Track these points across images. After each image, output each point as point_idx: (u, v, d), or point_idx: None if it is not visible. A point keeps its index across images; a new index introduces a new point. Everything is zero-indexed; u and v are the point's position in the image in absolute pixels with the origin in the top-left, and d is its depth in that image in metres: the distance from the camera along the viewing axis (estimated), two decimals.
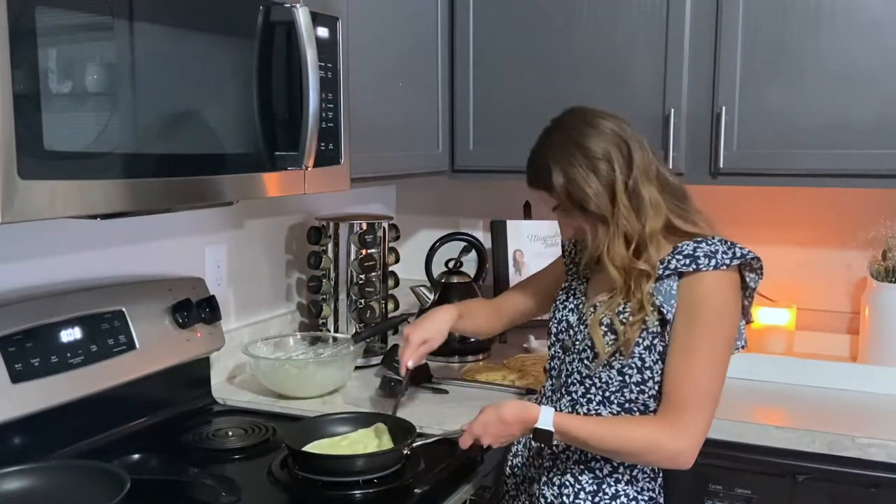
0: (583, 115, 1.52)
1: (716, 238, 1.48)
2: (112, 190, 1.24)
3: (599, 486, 1.53)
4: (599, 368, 1.52)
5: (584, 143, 1.47)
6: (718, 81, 2.06)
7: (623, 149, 1.48)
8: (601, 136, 1.48)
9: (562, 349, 1.62)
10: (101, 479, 1.39)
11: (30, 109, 1.10)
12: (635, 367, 1.49)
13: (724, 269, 1.44)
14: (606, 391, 1.52)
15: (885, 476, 1.70)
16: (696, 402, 1.44)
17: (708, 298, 1.44)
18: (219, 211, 1.94)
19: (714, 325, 1.45)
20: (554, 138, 1.52)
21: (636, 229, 1.47)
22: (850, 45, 1.94)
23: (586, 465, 1.55)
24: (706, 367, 1.44)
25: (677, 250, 1.48)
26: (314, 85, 1.52)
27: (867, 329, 2.13)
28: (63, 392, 1.57)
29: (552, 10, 2.21)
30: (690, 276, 1.45)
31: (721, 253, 1.45)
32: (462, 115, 2.34)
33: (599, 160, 1.46)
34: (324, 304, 2.30)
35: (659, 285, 1.47)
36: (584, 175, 1.46)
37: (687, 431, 1.44)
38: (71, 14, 1.17)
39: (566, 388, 1.58)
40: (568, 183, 1.47)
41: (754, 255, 1.47)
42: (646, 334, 1.48)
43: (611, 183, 1.46)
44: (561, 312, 1.64)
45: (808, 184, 2.06)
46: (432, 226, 2.79)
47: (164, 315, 1.83)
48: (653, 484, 1.56)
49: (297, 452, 1.58)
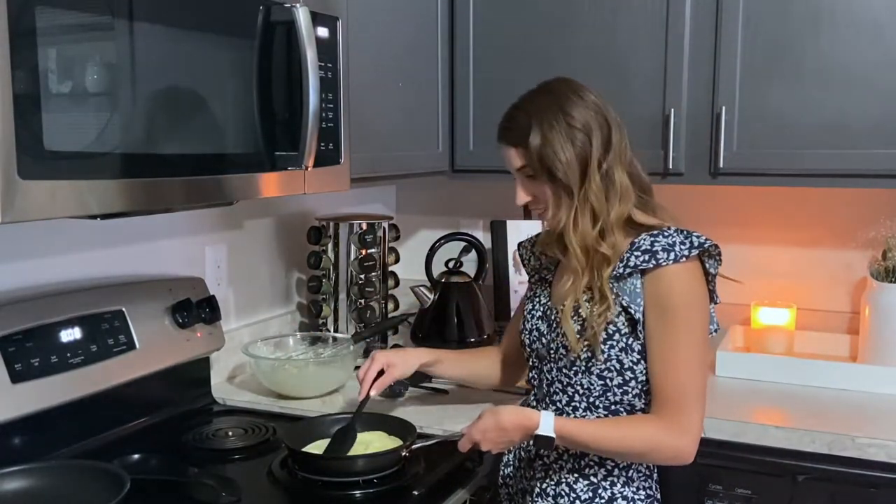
0: (571, 84, 1.51)
1: (671, 229, 1.47)
2: (112, 190, 1.24)
3: (595, 491, 1.52)
4: (579, 375, 1.51)
5: (568, 110, 1.46)
6: (718, 81, 2.06)
7: (604, 127, 1.47)
8: (586, 108, 1.47)
9: (538, 358, 1.60)
10: (101, 479, 1.39)
11: (30, 109, 1.10)
12: (614, 369, 1.48)
13: (683, 260, 1.43)
14: (590, 397, 1.52)
15: (885, 476, 1.70)
16: (689, 398, 1.44)
17: (675, 293, 1.43)
18: (219, 211, 1.95)
19: (687, 319, 1.44)
20: (539, 98, 1.50)
21: (603, 210, 1.46)
22: (851, 44, 1.94)
23: (580, 473, 1.53)
24: (689, 361, 1.44)
25: (635, 245, 1.46)
26: (314, 85, 1.52)
27: (867, 329, 2.13)
28: (63, 392, 1.57)
29: (552, 11, 2.21)
30: (652, 273, 1.44)
31: (678, 244, 1.44)
32: (462, 115, 2.34)
33: (578, 130, 1.45)
34: (324, 304, 2.30)
35: (623, 284, 1.46)
36: (562, 141, 1.45)
37: (685, 428, 1.44)
38: (71, 14, 1.17)
39: (549, 397, 1.57)
40: (543, 145, 1.46)
41: (712, 243, 1.46)
42: (619, 336, 1.47)
43: (584, 156, 1.45)
44: (530, 322, 1.62)
45: (808, 184, 2.06)
46: (432, 226, 2.79)
47: (164, 315, 1.83)
48: (649, 482, 1.55)
49: (297, 453, 1.58)
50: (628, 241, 1.47)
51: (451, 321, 2.33)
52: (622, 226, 1.48)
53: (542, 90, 1.53)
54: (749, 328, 2.34)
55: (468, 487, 1.68)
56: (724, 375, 2.10)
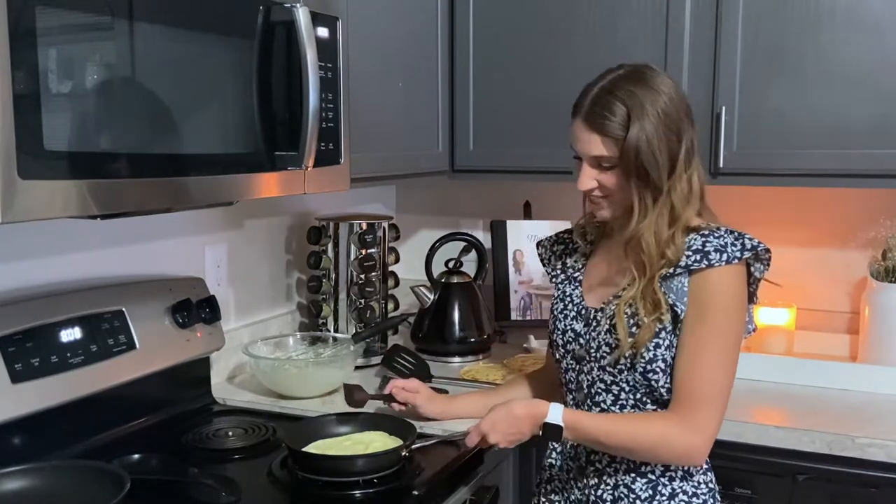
0: (664, 79, 1.45)
1: (722, 229, 1.44)
2: (112, 190, 1.24)
3: (655, 488, 1.49)
4: (624, 373, 1.47)
5: (668, 110, 1.41)
6: (718, 81, 2.06)
7: (691, 131, 1.44)
8: (679, 109, 1.43)
9: (574, 360, 1.55)
10: (101, 479, 1.39)
11: (30, 109, 1.10)
12: (660, 370, 1.44)
13: (735, 262, 1.41)
14: (636, 393, 1.48)
15: (885, 476, 1.70)
16: (709, 400, 1.41)
17: (718, 295, 1.41)
18: (219, 211, 1.94)
19: (724, 322, 1.42)
20: (636, 88, 1.41)
21: (681, 213, 1.43)
22: (851, 44, 1.94)
23: (637, 472, 1.49)
24: (717, 364, 1.42)
25: (686, 245, 1.43)
26: (314, 85, 1.52)
27: (867, 329, 2.13)
28: (63, 392, 1.57)
29: (552, 11, 2.21)
30: (700, 273, 1.42)
31: (730, 245, 1.41)
32: (462, 115, 2.34)
33: (674, 133, 1.41)
34: (324, 304, 2.30)
35: (670, 283, 1.43)
36: (660, 141, 1.39)
37: (699, 429, 1.42)
38: (71, 14, 1.17)
39: (591, 398, 1.52)
40: (645, 142, 1.38)
41: (764, 247, 1.44)
42: (664, 334, 1.44)
43: (674, 158, 1.41)
44: (563, 322, 1.57)
45: (808, 184, 2.06)
46: (432, 226, 2.79)
47: (164, 315, 1.83)
48: (709, 474, 1.53)
49: (297, 452, 1.58)
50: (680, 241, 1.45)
51: (451, 321, 2.34)
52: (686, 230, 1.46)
53: (637, 79, 1.43)
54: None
55: (468, 487, 1.68)
56: None
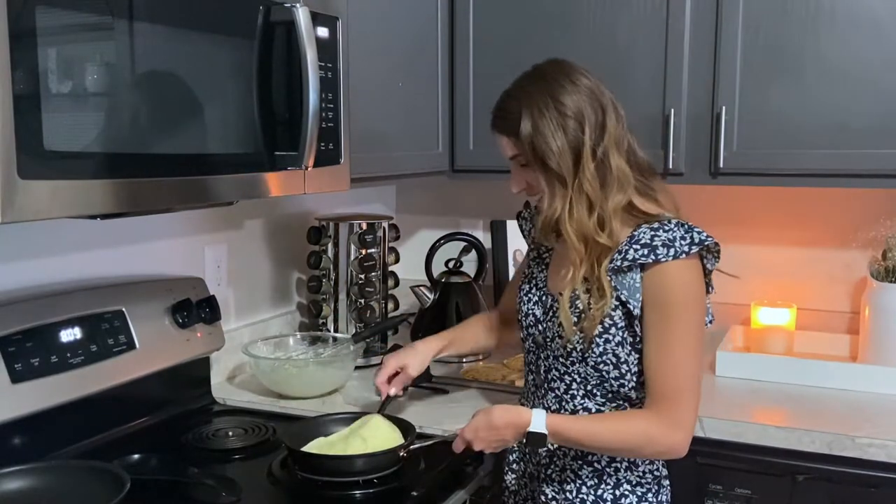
0: (564, 68, 1.48)
1: (672, 222, 1.44)
2: (112, 190, 1.24)
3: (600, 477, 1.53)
4: (576, 365, 1.51)
5: (559, 97, 1.43)
6: (718, 81, 2.06)
7: (598, 112, 1.44)
8: (578, 94, 1.44)
9: (534, 344, 1.60)
10: (101, 479, 1.39)
11: (30, 109, 1.10)
12: (610, 363, 1.48)
13: (683, 257, 1.41)
14: (587, 385, 1.52)
15: (885, 476, 1.70)
16: (683, 393, 1.44)
17: (675, 291, 1.42)
18: (219, 211, 1.94)
19: (685, 316, 1.43)
20: (530, 85, 1.47)
21: (599, 199, 1.43)
22: (851, 44, 1.94)
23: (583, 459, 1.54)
24: (686, 358, 1.44)
25: (634, 238, 1.44)
26: (314, 85, 1.52)
27: (867, 329, 2.13)
28: (63, 392, 1.57)
29: (552, 11, 2.21)
30: (652, 269, 1.42)
31: (679, 239, 1.41)
32: (462, 115, 2.34)
33: (569, 118, 1.42)
34: (324, 304, 2.30)
35: (621, 278, 1.45)
36: (553, 129, 1.42)
37: (679, 424, 1.44)
38: (71, 14, 1.17)
39: (548, 384, 1.57)
40: (534, 134, 1.43)
41: (713, 240, 1.44)
42: (615, 330, 1.46)
43: (577, 144, 1.42)
44: (527, 305, 1.61)
45: (808, 184, 2.06)
46: (432, 226, 2.79)
47: (164, 315, 1.83)
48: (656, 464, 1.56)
49: (297, 452, 1.58)
50: (627, 231, 1.46)
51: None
52: (621, 213, 1.45)
53: (534, 75, 1.50)
54: (749, 328, 2.34)
55: (468, 488, 1.68)
56: (724, 375, 2.10)
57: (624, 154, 1.46)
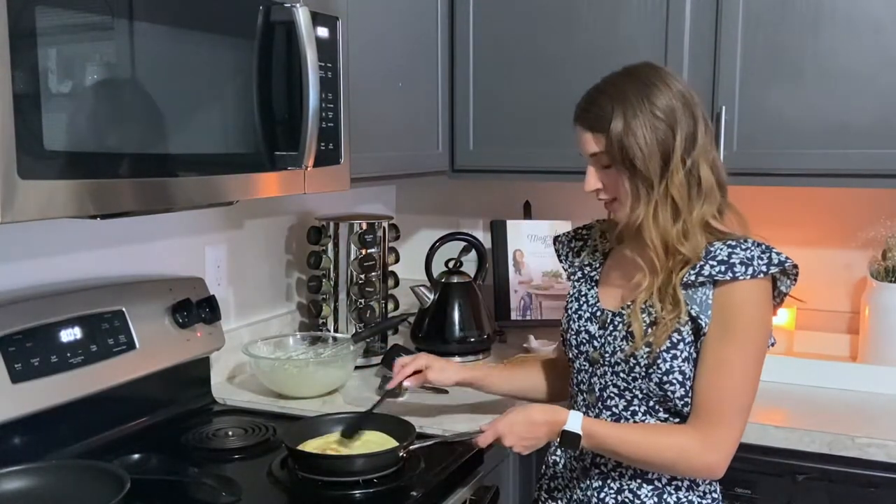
0: (659, 71, 1.44)
1: (749, 241, 1.40)
2: (112, 190, 1.24)
3: (660, 496, 1.46)
4: (638, 380, 1.43)
5: (653, 99, 1.39)
6: (718, 81, 2.06)
7: (690, 122, 1.40)
8: (672, 98, 1.40)
9: (588, 362, 1.52)
10: (101, 479, 1.39)
11: (30, 109, 1.10)
12: (677, 381, 1.41)
13: (760, 277, 1.37)
14: (649, 401, 1.45)
15: (885, 476, 1.70)
16: (729, 414, 1.39)
17: (744, 310, 1.38)
18: (219, 211, 1.94)
19: (748, 338, 1.38)
20: (624, 82, 1.42)
21: (685, 208, 1.39)
22: (851, 44, 1.94)
23: (643, 479, 1.47)
24: (740, 381, 1.39)
25: (710, 254, 1.39)
26: (314, 85, 1.52)
27: (867, 329, 2.13)
28: (63, 392, 1.57)
29: (552, 11, 2.21)
30: (726, 286, 1.37)
31: (756, 259, 1.37)
32: (462, 115, 2.34)
33: (662, 121, 1.38)
34: (324, 304, 2.30)
35: (693, 293, 1.39)
36: (644, 130, 1.37)
37: (719, 446, 1.39)
38: (71, 14, 1.17)
39: (602, 402, 1.49)
40: (626, 132, 1.37)
41: (792, 262, 1.39)
42: (682, 346, 1.40)
43: (667, 149, 1.38)
44: (577, 323, 1.54)
45: (808, 184, 2.06)
46: (432, 226, 2.79)
47: (164, 315, 1.83)
48: (714, 485, 1.50)
49: (297, 452, 1.58)
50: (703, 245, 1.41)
51: (451, 321, 2.33)
52: (702, 228, 1.41)
53: (628, 74, 1.45)
54: None
55: (468, 487, 1.68)
56: None
57: (710, 167, 1.43)
